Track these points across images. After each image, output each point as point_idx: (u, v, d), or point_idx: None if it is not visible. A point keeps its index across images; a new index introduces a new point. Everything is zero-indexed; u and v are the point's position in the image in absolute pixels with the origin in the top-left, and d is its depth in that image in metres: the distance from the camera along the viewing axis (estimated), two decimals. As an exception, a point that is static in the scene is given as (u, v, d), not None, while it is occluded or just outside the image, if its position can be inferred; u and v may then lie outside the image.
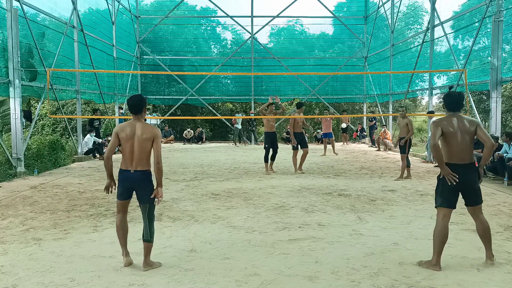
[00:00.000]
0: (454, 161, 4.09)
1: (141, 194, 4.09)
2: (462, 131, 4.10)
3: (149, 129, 4.08)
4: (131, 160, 4.06)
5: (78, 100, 14.51)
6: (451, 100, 4.21)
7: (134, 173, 4.05)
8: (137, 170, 4.05)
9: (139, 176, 4.05)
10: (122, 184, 4.12)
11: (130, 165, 4.07)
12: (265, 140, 10.74)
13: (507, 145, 9.19)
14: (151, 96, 22.41)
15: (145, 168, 4.08)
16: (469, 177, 4.10)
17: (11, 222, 5.85)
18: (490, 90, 10.74)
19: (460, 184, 4.06)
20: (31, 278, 3.90)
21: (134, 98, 4.17)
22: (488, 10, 11.06)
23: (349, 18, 22.35)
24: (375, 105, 22.59)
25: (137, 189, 4.10)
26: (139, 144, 4.03)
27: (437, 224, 4.15)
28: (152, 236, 4.13)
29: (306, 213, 6.35)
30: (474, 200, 4.17)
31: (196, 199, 7.44)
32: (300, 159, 10.78)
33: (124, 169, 4.10)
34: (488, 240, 4.21)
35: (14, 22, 10.15)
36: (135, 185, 4.08)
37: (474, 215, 4.25)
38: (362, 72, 22.04)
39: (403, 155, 9.70)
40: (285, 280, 3.87)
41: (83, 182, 9.30)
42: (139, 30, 21.86)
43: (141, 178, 4.06)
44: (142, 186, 4.07)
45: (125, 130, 4.08)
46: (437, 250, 4.10)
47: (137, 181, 4.06)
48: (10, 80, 10.19)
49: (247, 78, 22.22)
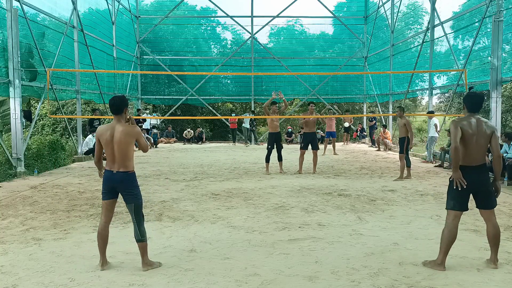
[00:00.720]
0: (467, 163, 4.04)
1: (125, 194, 4.12)
2: (479, 134, 4.04)
3: (128, 131, 4.07)
4: (113, 161, 4.09)
5: (78, 100, 14.51)
6: (473, 100, 4.14)
7: (117, 174, 4.07)
8: (119, 171, 4.07)
9: (121, 176, 4.07)
10: (106, 184, 4.14)
11: (113, 166, 4.10)
12: (269, 141, 10.71)
13: (507, 145, 9.20)
14: (151, 96, 22.43)
15: (128, 169, 4.10)
16: (481, 178, 4.05)
17: (11, 222, 5.86)
18: (490, 90, 10.73)
19: (472, 185, 4.02)
20: (31, 278, 3.90)
21: (115, 98, 4.18)
22: (488, 10, 11.06)
23: (349, 18, 22.36)
24: (375, 105, 22.59)
25: (120, 189, 4.11)
26: (118, 147, 4.05)
27: (447, 225, 4.12)
28: (143, 235, 4.13)
29: (306, 213, 6.34)
30: (486, 203, 4.11)
31: (196, 199, 7.44)
32: (313, 162, 10.74)
33: (108, 169, 4.14)
34: (496, 244, 4.17)
35: (14, 22, 10.15)
36: (118, 186, 4.10)
37: (487, 218, 4.18)
38: (362, 72, 22.04)
39: (401, 155, 9.69)
40: (285, 280, 3.87)
41: (83, 182, 9.31)
42: (139, 30, 21.86)
43: (123, 179, 4.07)
44: (125, 187, 4.09)
45: (104, 134, 4.10)
46: (444, 250, 4.08)
47: (119, 181, 4.08)
48: (10, 80, 10.19)
49: (247, 78, 22.23)
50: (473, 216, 5.75)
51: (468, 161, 4.05)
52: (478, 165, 4.06)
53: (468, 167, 4.04)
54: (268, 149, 10.62)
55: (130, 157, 4.12)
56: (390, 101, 19.11)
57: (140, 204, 4.15)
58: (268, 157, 10.64)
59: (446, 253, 4.09)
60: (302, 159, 10.71)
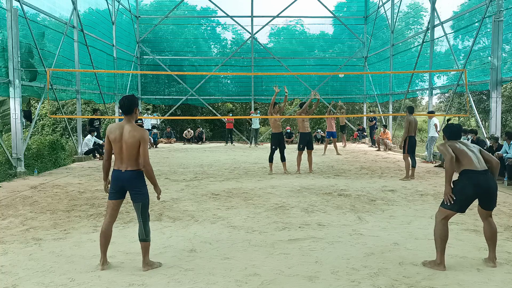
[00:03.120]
0: (473, 167, 4.09)
1: (133, 193, 4.11)
2: (468, 147, 4.21)
3: (137, 132, 4.06)
4: (121, 160, 4.09)
5: (78, 100, 14.51)
6: (451, 130, 4.34)
7: (125, 173, 4.08)
8: (127, 169, 4.08)
9: (130, 175, 4.07)
10: (114, 183, 4.14)
11: (121, 165, 4.10)
12: (272, 141, 10.72)
13: (507, 144, 9.19)
14: (151, 96, 22.43)
15: (135, 168, 4.09)
16: (490, 183, 4.11)
17: (11, 222, 5.86)
18: (490, 90, 10.74)
19: (480, 190, 4.07)
20: (31, 278, 3.90)
21: (125, 98, 4.17)
22: (488, 10, 11.06)
23: (349, 18, 22.36)
24: (375, 105, 22.59)
25: (129, 188, 4.11)
26: (127, 146, 4.05)
27: (438, 223, 4.15)
28: (148, 235, 4.14)
29: (306, 213, 6.34)
30: (489, 204, 4.21)
31: (196, 199, 7.44)
32: (308, 162, 10.82)
33: (116, 168, 4.13)
34: (493, 242, 4.21)
35: (14, 22, 10.15)
36: (126, 184, 4.10)
37: (485, 218, 4.27)
38: (362, 72, 22.04)
39: (404, 155, 9.82)
40: (285, 280, 3.87)
41: (83, 182, 9.30)
42: (139, 30, 21.86)
43: (132, 177, 4.08)
44: (133, 185, 4.09)
45: (114, 132, 4.10)
46: (440, 249, 4.11)
47: (128, 180, 4.08)
48: (10, 80, 10.19)
49: (247, 78, 22.23)
50: (473, 216, 5.76)
51: (474, 166, 4.10)
52: (483, 169, 4.12)
53: (475, 171, 4.08)
54: (272, 149, 10.64)
55: (138, 156, 4.09)
56: (390, 101, 19.12)
57: (147, 204, 4.15)
58: (272, 157, 10.66)
59: (443, 251, 4.12)
60: (299, 159, 10.81)
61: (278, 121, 10.59)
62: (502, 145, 9.43)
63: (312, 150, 10.81)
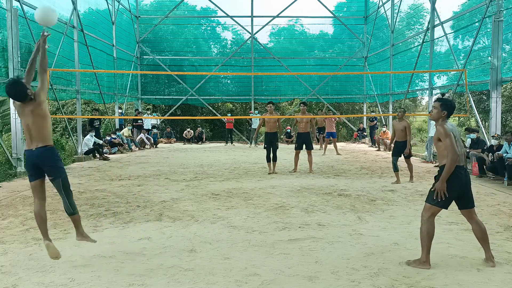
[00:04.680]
0: (461, 163, 4.09)
1: (48, 169, 4.15)
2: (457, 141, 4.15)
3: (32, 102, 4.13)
4: (31, 138, 4.13)
5: (78, 100, 14.51)
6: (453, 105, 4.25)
7: (36, 150, 4.11)
8: (38, 147, 4.11)
9: (41, 152, 4.10)
10: (28, 163, 4.18)
11: (31, 144, 4.13)
12: (265, 140, 10.74)
13: (507, 144, 9.19)
14: (151, 96, 22.44)
15: (46, 144, 4.13)
16: (468, 179, 4.16)
17: (11, 222, 5.86)
18: (490, 90, 10.74)
19: (461, 186, 4.08)
20: (31, 278, 3.89)
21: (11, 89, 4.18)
22: (488, 10, 11.06)
23: (349, 18, 22.37)
24: (375, 105, 22.60)
25: (43, 165, 4.14)
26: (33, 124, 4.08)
27: (425, 221, 4.15)
28: (74, 208, 4.20)
29: (306, 213, 6.34)
30: (467, 202, 4.20)
31: (196, 199, 7.44)
32: (308, 162, 10.81)
33: (27, 149, 4.17)
34: (486, 241, 4.21)
35: (14, 22, 10.15)
36: (40, 162, 4.12)
37: (470, 218, 4.26)
38: (362, 72, 22.04)
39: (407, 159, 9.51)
40: (285, 280, 3.86)
41: (83, 182, 9.30)
42: (139, 30, 21.86)
43: (44, 154, 4.11)
44: (47, 162, 4.12)
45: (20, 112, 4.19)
46: (427, 247, 4.12)
47: (40, 157, 4.11)
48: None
49: (247, 78, 22.23)
50: (473, 216, 5.75)
51: (462, 161, 4.11)
52: (464, 165, 4.16)
53: (461, 167, 4.10)
54: (266, 149, 10.63)
55: (47, 131, 4.16)
56: (390, 101, 19.12)
57: (66, 177, 4.20)
58: (268, 157, 10.64)
59: (429, 250, 4.12)
60: (297, 158, 10.82)
61: (269, 121, 10.60)
62: (502, 145, 9.44)
63: (311, 150, 10.81)
